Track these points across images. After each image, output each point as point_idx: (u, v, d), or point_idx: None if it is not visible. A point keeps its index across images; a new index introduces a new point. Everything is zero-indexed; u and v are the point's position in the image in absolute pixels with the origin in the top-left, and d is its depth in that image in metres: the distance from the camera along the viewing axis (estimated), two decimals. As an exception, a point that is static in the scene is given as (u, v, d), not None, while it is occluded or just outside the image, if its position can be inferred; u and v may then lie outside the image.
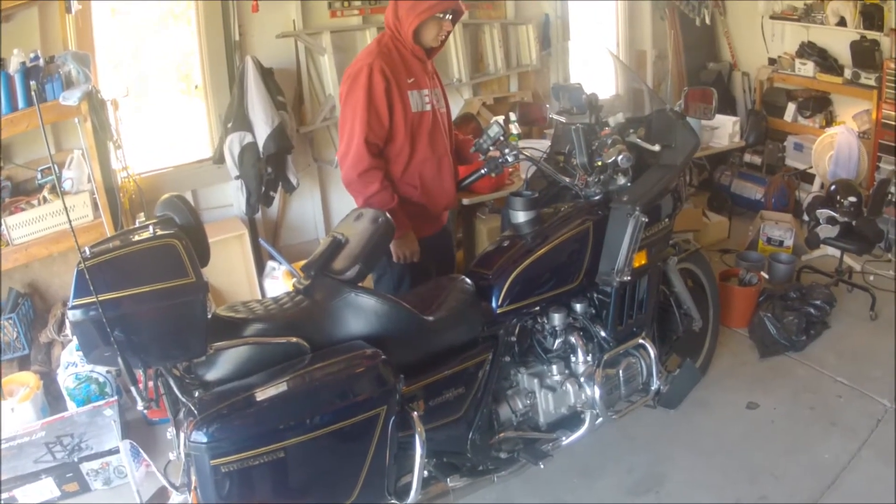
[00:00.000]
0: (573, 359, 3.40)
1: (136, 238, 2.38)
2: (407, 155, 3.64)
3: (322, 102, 5.47)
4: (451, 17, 3.58)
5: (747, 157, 7.43)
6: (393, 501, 2.73)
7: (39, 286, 4.81)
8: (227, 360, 2.55)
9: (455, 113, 6.19)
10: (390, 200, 3.50)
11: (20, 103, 4.08)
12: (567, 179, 3.51)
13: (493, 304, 3.17)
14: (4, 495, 3.59)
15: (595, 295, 3.54)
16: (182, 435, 2.42)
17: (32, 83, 4.03)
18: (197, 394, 2.50)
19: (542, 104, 4.02)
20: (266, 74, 4.92)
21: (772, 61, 7.42)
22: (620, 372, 3.52)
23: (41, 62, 4.15)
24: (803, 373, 4.52)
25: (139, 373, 2.39)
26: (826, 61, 6.78)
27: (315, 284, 2.84)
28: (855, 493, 3.51)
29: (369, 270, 2.94)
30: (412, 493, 2.72)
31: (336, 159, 5.63)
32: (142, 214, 4.60)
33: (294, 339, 2.63)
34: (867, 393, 4.24)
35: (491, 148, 3.42)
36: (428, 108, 3.65)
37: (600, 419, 3.40)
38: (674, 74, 7.77)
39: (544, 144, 4.09)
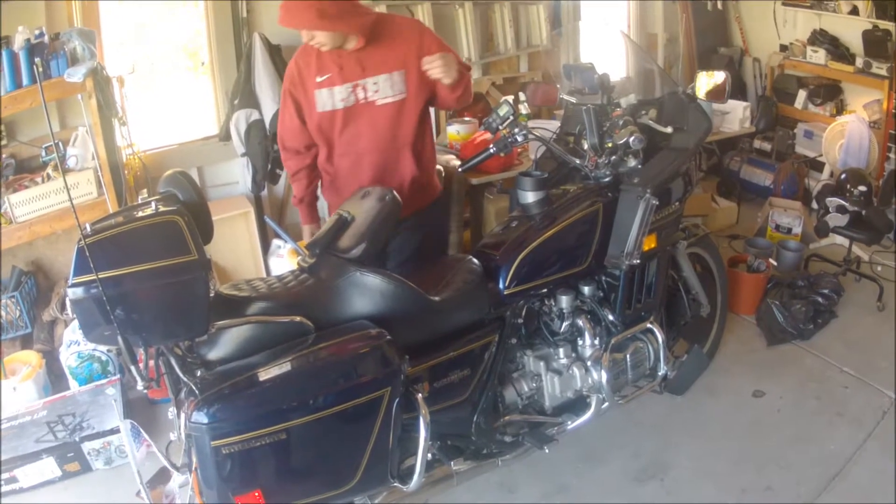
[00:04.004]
0: (580, 342, 3.37)
1: (138, 215, 2.35)
2: (325, 152, 3.68)
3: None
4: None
5: (757, 144, 7.37)
6: (396, 484, 2.71)
7: (43, 264, 4.80)
8: (229, 340, 2.52)
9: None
10: (297, 203, 3.92)
11: (24, 80, 4.06)
12: (577, 160, 3.46)
13: (501, 286, 3.13)
14: (5, 475, 3.58)
15: (603, 278, 3.50)
16: (183, 415, 2.39)
17: (37, 60, 4.00)
18: (199, 373, 2.47)
19: (553, 84, 3.96)
20: (274, 51, 4.88)
21: (783, 48, 7.34)
22: (628, 356, 3.49)
23: (46, 39, 4.13)
24: (810, 362, 4.49)
25: (140, 352, 2.36)
26: (838, 49, 6.70)
27: (320, 263, 2.82)
28: (860, 486, 3.49)
29: (375, 249, 2.90)
30: (415, 476, 2.70)
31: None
32: (144, 191, 4.58)
33: (298, 319, 2.59)
34: (873, 384, 4.21)
35: (500, 127, 3.37)
36: (340, 105, 3.54)
37: (606, 404, 3.38)
38: (685, 58, 7.70)
39: (554, 125, 4.05)
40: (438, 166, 4.60)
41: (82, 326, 2.31)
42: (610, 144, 3.39)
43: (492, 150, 3.42)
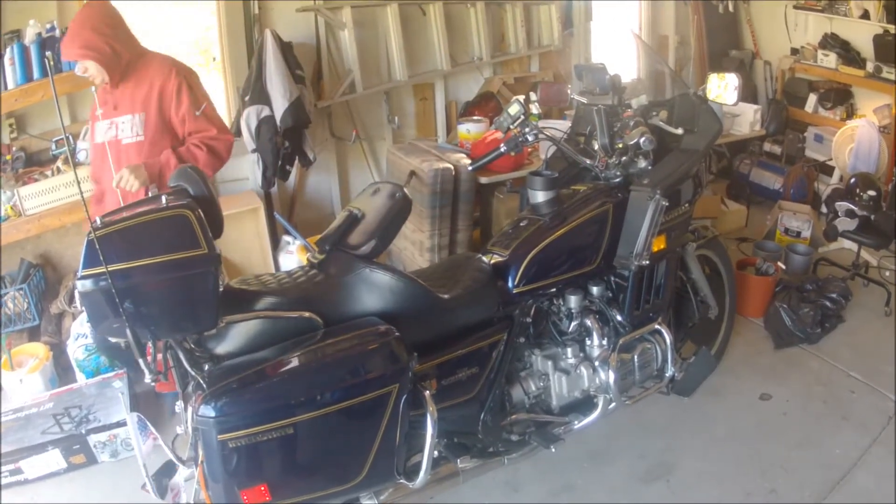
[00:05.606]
0: (588, 342, 3.37)
1: (148, 208, 2.35)
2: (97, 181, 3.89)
3: (341, 77, 5.42)
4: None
5: (767, 147, 7.35)
6: (402, 481, 2.70)
7: (52, 257, 4.81)
8: (238, 334, 2.52)
9: (474, 92, 6.17)
10: None
11: (35, 74, 4.09)
12: (587, 161, 3.45)
13: (510, 284, 3.12)
14: (10, 466, 3.58)
15: (612, 278, 3.49)
16: (190, 409, 2.39)
17: (48, 53, 4.01)
18: (206, 367, 2.48)
19: (564, 84, 3.96)
20: (285, 48, 4.88)
21: (794, 51, 7.34)
22: (635, 357, 3.48)
23: (57, 33, 4.14)
24: (817, 366, 4.47)
25: (148, 345, 2.36)
26: (848, 54, 6.70)
27: (329, 259, 2.80)
28: (864, 490, 3.47)
29: (385, 246, 2.89)
30: (421, 472, 2.69)
31: (353, 135, 5.61)
32: (154, 185, 4.59)
33: (307, 314, 2.59)
34: (880, 389, 4.19)
35: (511, 127, 3.37)
36: (100, 139, 3.72)
37: (613, 404, 3.37)
38: (696, 60, 7.71)
39: (565, 125, 4.04)
40: (448, 165, 4.60)
41: (91, 319, 2.32)
42: (620, 145, 3.39)
43: (502, 150, 3.41)
